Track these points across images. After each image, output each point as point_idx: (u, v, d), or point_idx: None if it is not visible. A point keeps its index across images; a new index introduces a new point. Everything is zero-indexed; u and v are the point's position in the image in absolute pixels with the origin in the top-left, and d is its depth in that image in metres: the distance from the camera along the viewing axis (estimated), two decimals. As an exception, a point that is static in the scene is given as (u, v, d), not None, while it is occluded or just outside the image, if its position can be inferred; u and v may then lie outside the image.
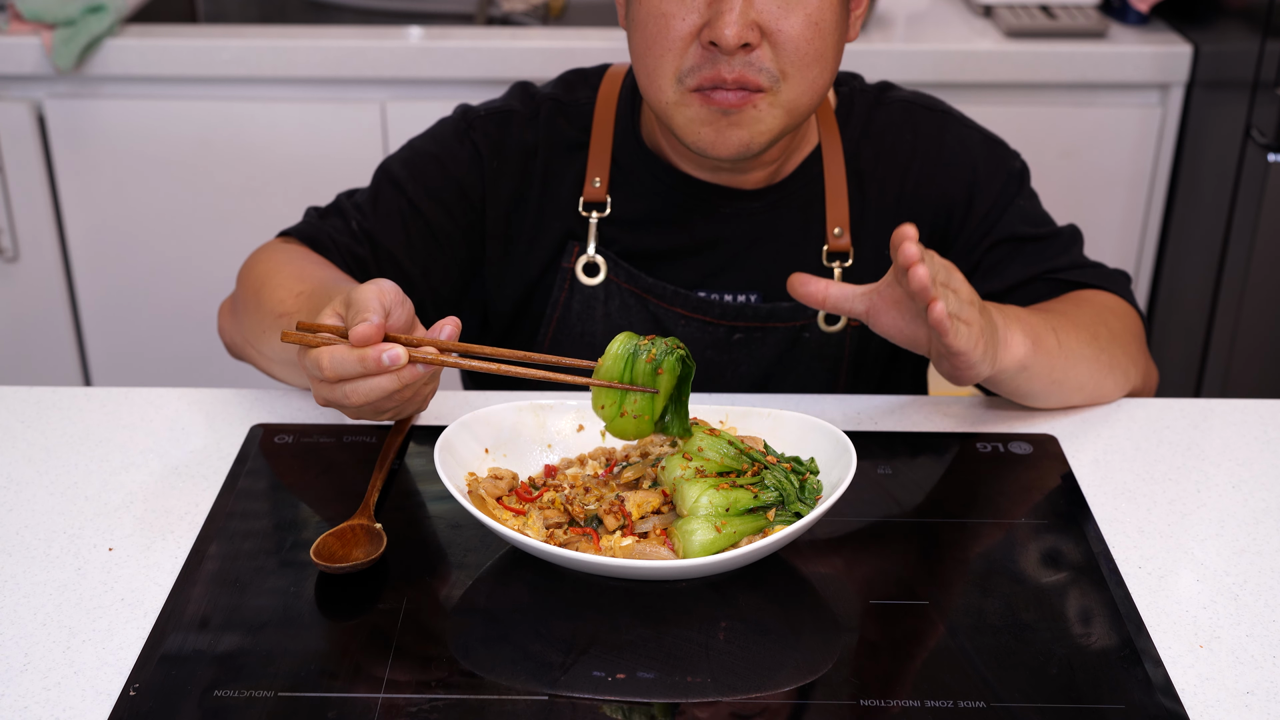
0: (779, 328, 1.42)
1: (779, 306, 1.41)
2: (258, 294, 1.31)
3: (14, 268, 2.54)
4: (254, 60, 2.38)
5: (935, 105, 1.46)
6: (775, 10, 1.23)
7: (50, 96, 2.41)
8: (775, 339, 1.42)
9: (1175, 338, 2.53)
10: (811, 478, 1.12)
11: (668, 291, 1.41)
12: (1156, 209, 2.55)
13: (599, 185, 1.40)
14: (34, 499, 1.18)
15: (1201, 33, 2.41)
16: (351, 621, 1.04)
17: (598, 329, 1.42)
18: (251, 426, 1.28)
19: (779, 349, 1.42)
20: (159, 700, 0.95)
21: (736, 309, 1.41)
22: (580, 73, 1.47)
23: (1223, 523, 1.17)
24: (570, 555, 1.03)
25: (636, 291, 1.41)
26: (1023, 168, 1.45)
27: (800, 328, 1.42)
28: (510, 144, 1.42)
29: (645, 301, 1.41)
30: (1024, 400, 1.30)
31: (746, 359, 1.42)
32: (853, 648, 1.01)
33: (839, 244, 1.40)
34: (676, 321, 1.41)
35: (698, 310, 1.41)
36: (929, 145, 1.43)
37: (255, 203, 2.49)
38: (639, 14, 1.27)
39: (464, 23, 2.78)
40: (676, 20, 1.24)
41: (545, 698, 0.96)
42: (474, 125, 1.42)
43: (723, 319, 1.41)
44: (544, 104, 1.43)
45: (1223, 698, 0.97)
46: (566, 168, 1.42)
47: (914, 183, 1.42)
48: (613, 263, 1.41)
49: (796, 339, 1.42)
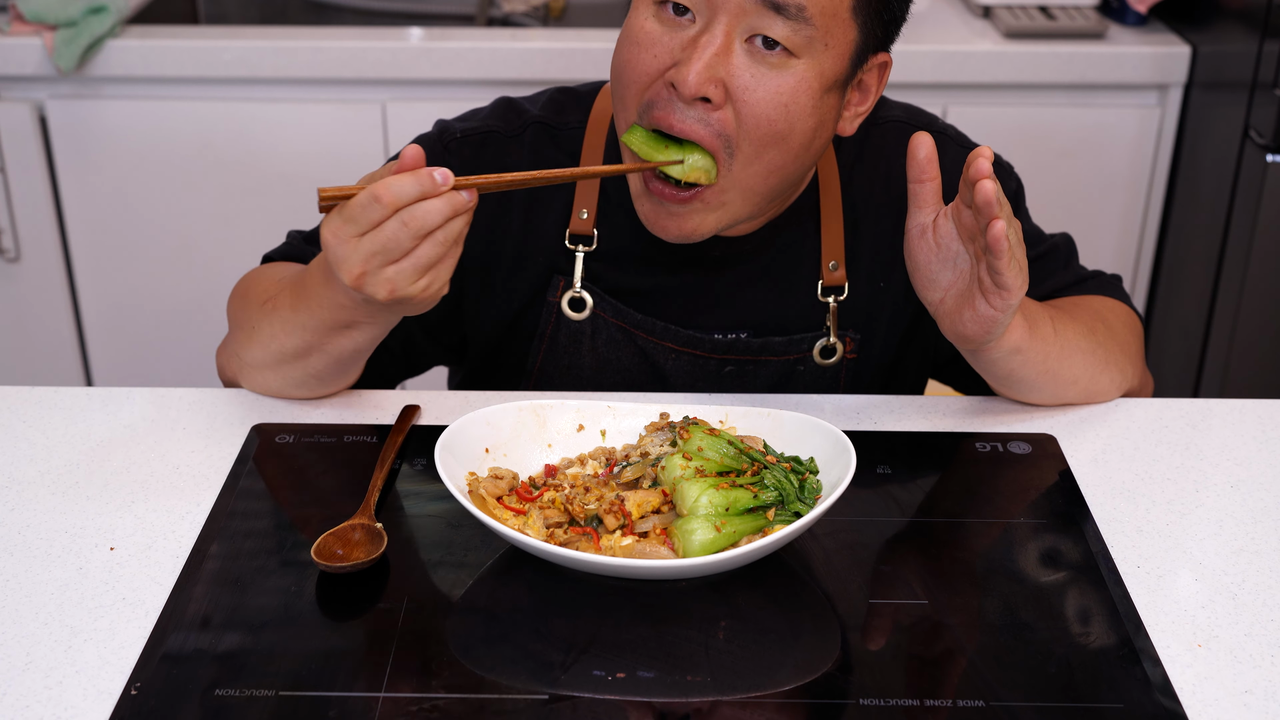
0: (772, 361, 1.39)
1: (771, 341, 1.37)
2: (244, 298, 1.32)
3: (16, 268, 2.54)
4: (255, 61, 2.38)
5: (931, 125, 1.41)
6: (747, 77, 1.17)
7: (52, 97, 2.42)
8: (768, 372, 1.39)
9: (1174, 338, 2.54)
10: (811, 477, 1.12)
11: (657, 327, 1.37)
12: (1155, 209, 2.55)
13: (586, 218, 1.35)
14: (36, 498, 1.18)
15: (1200, 33, 2.41)
16: (352, 621, 1.04)
17: (585, 363, 1.39)
18: (252, 426, 1.28)
19: (771, 381, 1.39)
20: (160, 699, 0.96)
21: (727, 344, 1.37)
22: (570, 93, 1.41)
23: (1221, 522, 1.17)
24: (570, 555, 1.03)
25: (625, 326, 1.37)
26: (1018, 187, 1.42)
27: (794, 361, 1.39)
28: (488, 167, 1.35)
29: (633, 336, 1.37)
30: (1016, 390, 1.30)
31: (738, 390, 1.39)
32: (852, 648, 1.02)
33: (834, 278, 1.37)
34: (666, 356, 1.38)
35: (688, 345, 1.37)
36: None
37: (256, 203, 2.50)
38: (623, 34, 1.23)
39: (464, 24, 2.78)
40: (648, 54, 1.19)
41: (545, 697, 0.96)
42: (450, 148, 1.36)
43: (713, 353, 1.37)
44: (530, 126, 1.37)
45: (1221, 697, 0.98)
46: (553, 196, 1.37)
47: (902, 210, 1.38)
48: (599, 298, 1.36)
49: (790, 372, 1.39)
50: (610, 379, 1.39)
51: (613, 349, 1.38)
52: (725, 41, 1.16)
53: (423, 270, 1.11)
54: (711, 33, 1.16)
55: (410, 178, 1.08)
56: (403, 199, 1.07)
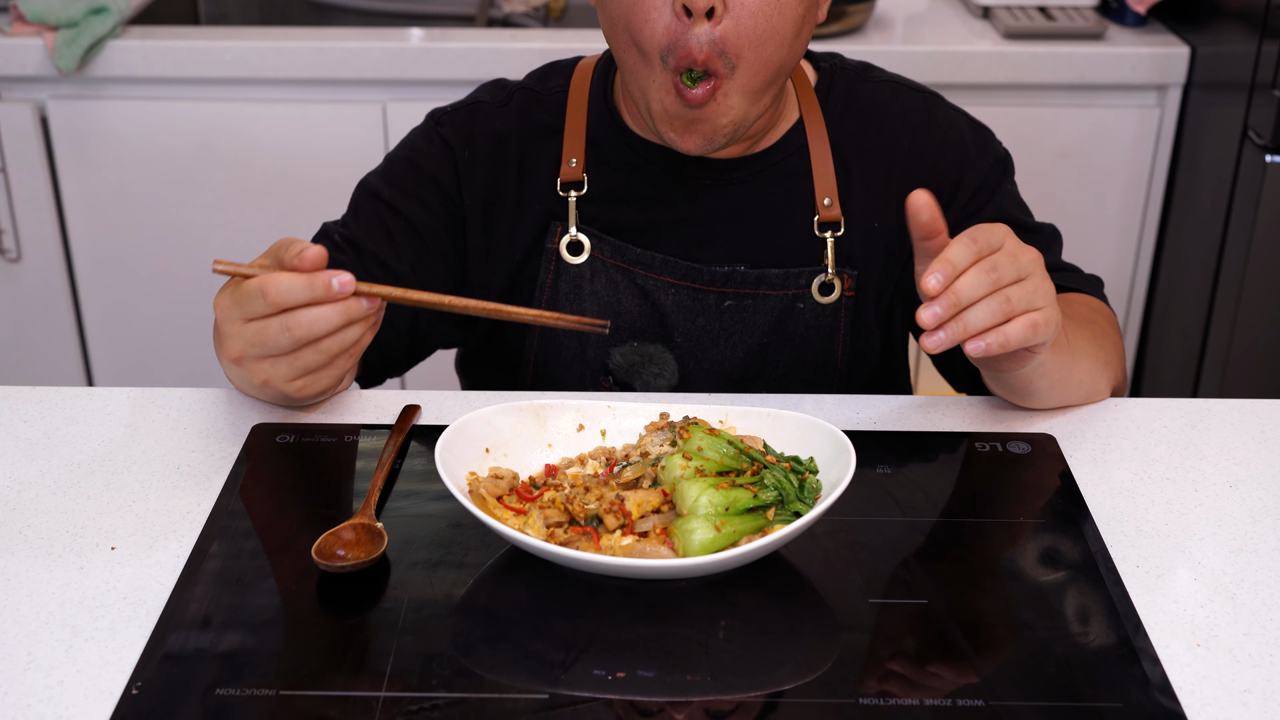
0: (770, 295, 1.41)
1: (768, 273, 1.40)
2: None
3: (17, 268, 2.54)
4: (255, 61, 2.38)
5: (921, 87, 1.48)
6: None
7: (53, 98, 2.42)
8: (767, 307, 1.42)
9: (1173, 338, 2.54)
10: (811, 477, 1.12)
11: (655, 261, 1.40)
12: (1154, 210, 2.55)
13: (575, 165, 1.41)
14: (36, 498, 1.18)
15: (1199, 34, 2.42)
16: (352, 620, 1.04)
17: (586, 307, 1.42)
18: (253, 426, 1.28)
19: (771, 318, 1.42)
20: (161, 699, 0.96)
21: (725, 275, 1.40)
22: (554, 64, 1.49)
23: (1220, 522, 1.17)
24: (570, 554, 1.03)
25: (623, 265, 1.41)
26: (1007, 155, 1.47)
27: (793, 297, 1.41)
28: (480, 133, 1.43)
29: (632, 275, 1.41)
30: (1024, 399, 1.30)
31: (739, 327, 1.42)
32: (852, 647, 1.02)
33: (830, 214, 1.40)
34: (665, 291, 1.41)
35: (686, 278, 1.40)
36: (918, 122, 1.44)
37: (256, 203, 2.50)
38: None
39: (465, 24, 2.78)
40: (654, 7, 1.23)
41: (545, 696, 0.96)
42: (441, 122, 1.45)
43: (711, 285, 1.40)
44: (516, 93, 1.45)
45: (1220, 696, 0.98)
46: (543, 152, 1.43)
47: (903, 160, 1.43)
48: (596, 239, 1.41)
49: (790, 309, 1.42)
50: (612, 322, 1.41)
51: (613, 291, 1.41)
52: None
53: (301, 373, 1.10)
54: None
55: (302, 281, 1.04)
56: (287, 301, 1.04)
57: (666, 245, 1.41)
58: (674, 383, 1.43)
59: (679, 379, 1.43)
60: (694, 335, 1.42)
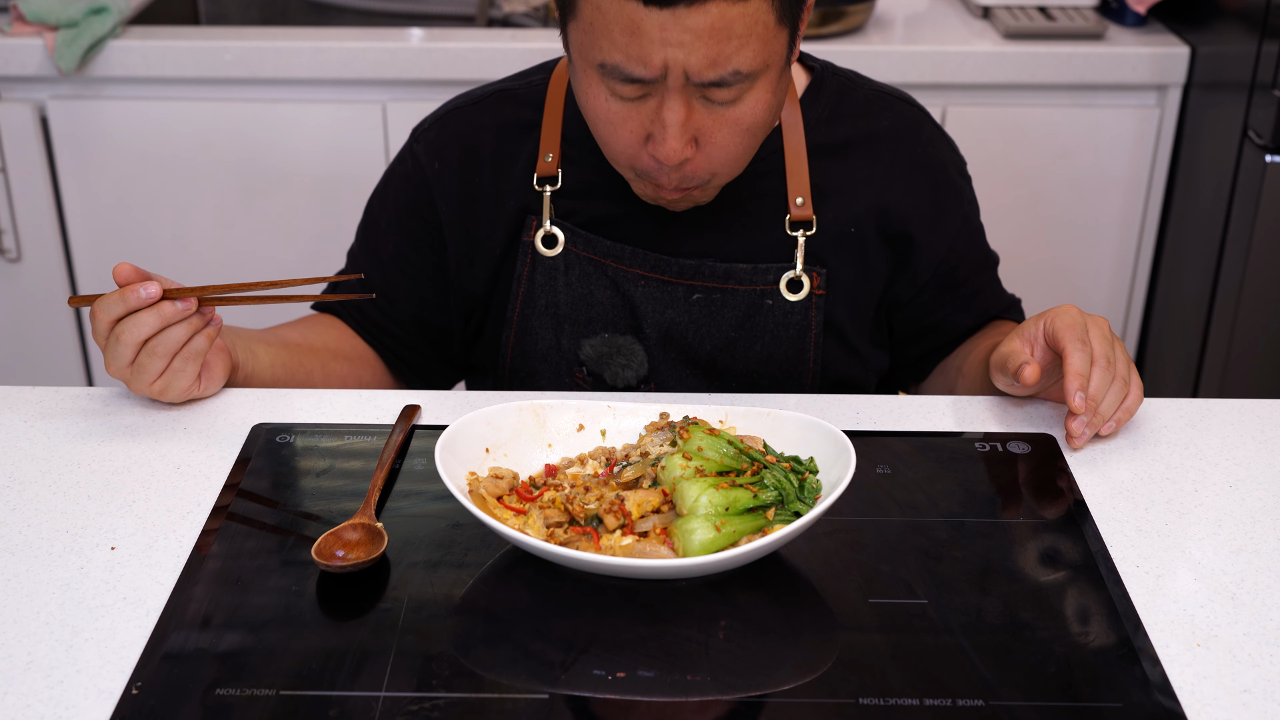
0: (738, 290, 1.42)
1: (736, 267, 1.42)
2: None
3: (17, 268, 2.54)
4: (255, 62, 2.38)
5: (910, 99, 1.49)
6: (711, 123, 1.23)
7: (53, 98, 2.42)
8: (736, 302, 1.42)
9: (1173, 338, 2.54)
10: (811, 477, 1.12)
11: (625, 253, 1.42)
12: (1154, 210, 2.55)
13: (550, 160, 1.43)
14: (37, 498, 1.18)
15: (1199, 34, 2.42)
16: (352, 620, 1.04)
17: (560, 299, 1.44)
18: (252, 426, 1.28)
19: (740, 312, 1.43)
20: (161, 699, 0.96)
21: (694, 268, 1.41)
22: (540, 64, 1.51)
23: (1220, 522, 1.17)
24: (570, 554, 1.03)
25: (595, 258, 1.42)
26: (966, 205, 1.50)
27: (761, 293, 1.42)
28: (450, 142, 1.46)
29: (604, 267, 1.42)
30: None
31: (707, 321, 1.43)
32: (852, 647, 1.02)
33: (802, 213, 1.41)
34: (635, 283, 1.42)
35: (655, 269, 1.42)
36: (904, 135, 1.45)
37: (257, 204, 2.50)
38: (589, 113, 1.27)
39: (465, 24, 2.78)
40: (624, 132, 1.25)
41: (545, 696, 0.96)
42: (417, 137, 1.49)
43: (680, 277, 1.42)
44: (490, 94, 1.48)
45: (1220, 696, 0.98)
46: (519, 148, 1.45)
47: (884, 171, 1.44)
48: (570, 232, 1.43)
49: (758, 305, 1.43)
50: (584, 314, 1.44)
51: (585, 283, 1.43)
52: (684, 107, 1.21)
53: (152, 377, 1.26)
54: (670, 104, 1.21)
55: (115, 295, 1.23)
56: (111, 315, 1.23)
57: (638, 237, 1.43)
58: (642, 374, 1.44)
59: (647, 370, 1.44)
60: (663, 327, 1.43)
